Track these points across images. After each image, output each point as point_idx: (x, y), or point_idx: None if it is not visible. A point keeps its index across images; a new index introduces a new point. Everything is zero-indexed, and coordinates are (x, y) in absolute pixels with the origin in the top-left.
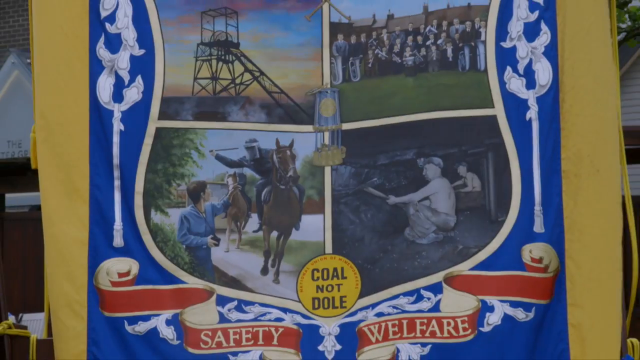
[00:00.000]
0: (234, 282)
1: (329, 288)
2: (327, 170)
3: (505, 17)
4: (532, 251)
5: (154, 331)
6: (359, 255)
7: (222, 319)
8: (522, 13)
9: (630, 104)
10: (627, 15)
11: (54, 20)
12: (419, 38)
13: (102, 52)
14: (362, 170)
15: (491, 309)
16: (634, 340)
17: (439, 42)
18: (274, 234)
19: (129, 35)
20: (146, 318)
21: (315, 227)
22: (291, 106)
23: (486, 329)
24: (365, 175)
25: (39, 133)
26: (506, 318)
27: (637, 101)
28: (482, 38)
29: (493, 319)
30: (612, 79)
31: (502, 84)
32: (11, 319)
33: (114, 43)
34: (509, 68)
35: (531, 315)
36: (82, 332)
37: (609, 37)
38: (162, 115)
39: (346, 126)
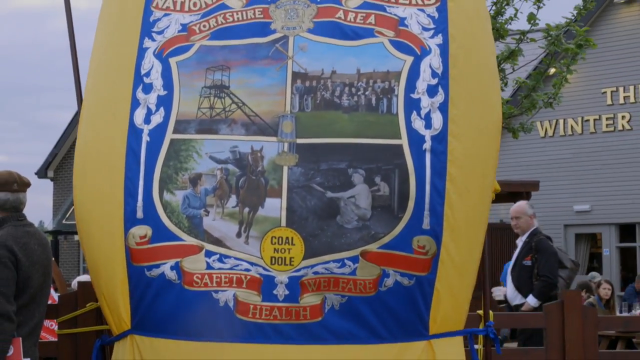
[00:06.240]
0: (217, 241)
1: (282, 251)
2: (285, 169)
3: (414, 77)
4: (419, 241)
5: (162, 275)
6: (304, 230)
7: (208, 266)
8: (426, 77)
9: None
10: None
11: (109, 78)
12: (353, 89)
13: (140, 94)
14: (309, 172)
15: (388, 275)
16: (480, 311)
17: (366, 93)
18: (246, 209)
19: (158, 83)
20: (157, 266)
21: (275, 206)
22: (262, 124)
23: (383, 288)
24: (311, 175)
25: (91, 145)
26: (396, 283)
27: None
28: (396, 93)
29: (388, 283)
30: (492, 130)
31: (408, 122)
32: None
33: (148, 88)
34: (414, 112)
35: (413, 282)
36: (124, 276)
37: (491, 101)
38: (175, 131)
39: (300, 141)
